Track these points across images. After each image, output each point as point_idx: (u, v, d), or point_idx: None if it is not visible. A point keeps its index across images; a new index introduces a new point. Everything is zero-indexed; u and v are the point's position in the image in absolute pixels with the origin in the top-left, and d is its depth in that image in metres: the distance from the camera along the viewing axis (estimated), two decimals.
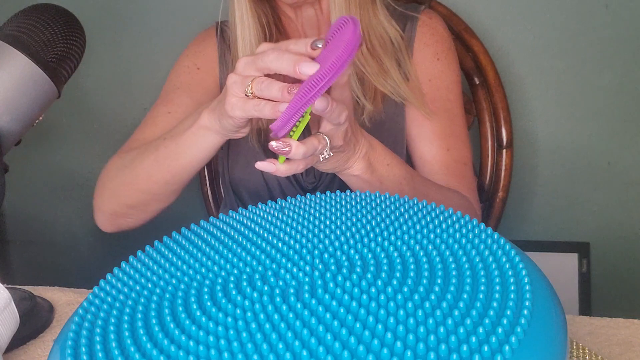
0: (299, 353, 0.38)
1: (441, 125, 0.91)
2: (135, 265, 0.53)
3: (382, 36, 0.88)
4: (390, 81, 0.87)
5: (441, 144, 0.90)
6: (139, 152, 0.81)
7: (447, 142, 0.90)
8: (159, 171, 0.78)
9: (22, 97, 0.62)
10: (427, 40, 0.92)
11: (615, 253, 1.22)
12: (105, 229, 0.90)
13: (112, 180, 0.85)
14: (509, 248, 0.48)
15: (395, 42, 0.89)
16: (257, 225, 0.57)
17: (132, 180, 0.81)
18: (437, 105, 0.91)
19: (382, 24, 0.88)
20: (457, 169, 0.91)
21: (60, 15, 0.66)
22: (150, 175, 0.79)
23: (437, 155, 0.90)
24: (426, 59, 0.92)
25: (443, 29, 0.94)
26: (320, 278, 0.46)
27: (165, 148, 0.76)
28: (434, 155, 0.90)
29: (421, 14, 0.93)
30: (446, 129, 0.91)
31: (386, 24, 0.89)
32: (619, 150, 1.18)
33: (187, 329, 0.42)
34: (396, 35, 0.89)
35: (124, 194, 0.83)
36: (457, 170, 0.90)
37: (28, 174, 1.51)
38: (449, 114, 0.92)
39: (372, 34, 0.87)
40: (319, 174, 0.92)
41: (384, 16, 0.89)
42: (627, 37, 1.13)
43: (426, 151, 0.91)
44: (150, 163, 0.78)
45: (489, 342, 0.37)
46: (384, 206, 0.58)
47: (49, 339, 0.65)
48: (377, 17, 0.88)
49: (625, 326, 0.60)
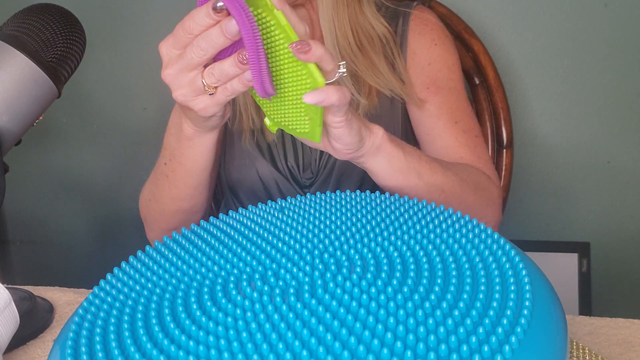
0: (299, 353, 0.38)
1: (446, 102, 0.90)
2: (135, 265, 0.53)
3: (370, 32, 0.89)
4: (380, 76, 0.87)
5: (449, 118, 0.89)
6: (155, 184, 0.85)
7: (454, 116, 0.89)
8: (179, 191, 0.81)
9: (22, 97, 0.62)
10: (421, 30, 0.93)
11: (615, 253, 1.22)
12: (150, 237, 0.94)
13: (150, 212, 0.89)
14: (509, 248, 0.48)
15: (383, 37, 0.90)
16: (257, 225, 0.57)
17: (164, 208, 0.85)
18: (440, 84, 0.90)
19: (369, 21, 0.89)
20: (469, 140, 0.89)
21: (60, 15, 0.66)
22: (175, 197, 0.82)
23: (447, 129, 0.89)
24: (423, 45, 0.92)
25: (436, 20, 0.95)
26: (320, 278, 0.46)
27: (173, 172, 0.79)
28: (443, 130, 0.89)
29: (413, 9, 0.94)
30: (452, 104, 0.90)
31: (373, 20, 0.89)
32: (619, 150, 1.18)
33: (187, 329, 0.42)
34: (384, 31, 0.90)
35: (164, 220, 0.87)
36: (469, 142, 0.89)
37: (28, 174, 1.51)
38: (453, 92, 0.91)
39: (360, 31, 0.88)
40: (316, 170, 0.92)
41: (371, 13, 0.89)
42: (627, 37, 1.13)
43: (435, 128, 0.89)
44: (168, 190, 0.82)
45: (489, 342, 0.37)
46: (384, 206, 0.58)
47: (49, 339, 0.65)
48: (364, 13, 0.89)
49: (625, 326, 0.60)
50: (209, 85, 0.57)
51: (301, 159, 0.92)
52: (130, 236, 1.48)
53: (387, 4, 0.94)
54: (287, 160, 0.92)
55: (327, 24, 0.85)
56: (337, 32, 0.85)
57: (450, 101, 0.90)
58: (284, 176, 0.92)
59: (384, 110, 0.90)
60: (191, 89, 0.58)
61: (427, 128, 0.91)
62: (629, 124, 1.17)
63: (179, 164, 0.77)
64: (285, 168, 0.92)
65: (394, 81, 0.88)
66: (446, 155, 0.88)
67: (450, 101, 0.90)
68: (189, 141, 0.72)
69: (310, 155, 0.91)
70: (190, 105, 0.60)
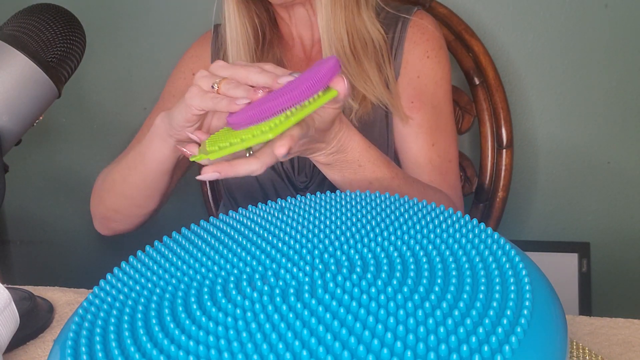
0: (299, 353, 0.38)
1: (427, 120, 0.90)
2: (135, 265, 0.53)
3: (365, 38, 0.88)
4: (369, 83, 0.87)
5: (426, 139, 0.90)
6: (119, 159, 0.86)
7: (432, 137, 0.90)
8: (130, 175, 0.81)
9: (22, 97, 0.62)
10: (417, 40, 0.92)
11: (615, 253, 1.22)
12: (102, 232, 0.94)
13: (100, 186, 0.89)
14: (509, 248, 0.48)
15: (378, 44, 0.89)
16: (257, 225, 0.57)
17: (112, 185, 0.85)
18: (424, 100, 0.90)
19: (366, 26, 0.88)
20: (442, 165, 0.90)
21: (61, 15, 0.66)
22: (124, 179, 0.82)
23: (422, 150, 0.90)
24: (416, 57, 0.92)
25: (434, 29, 0.94)
26: (320, 278, 0.46)
27: (134, 153, 0.79)
28: (419, 149, 0.90)
29: (413, 15, 0.93)
30: (432, 123, 0.90)
31: (370, 26, 0.88)
32: (619, 150, 1.18)
33: (187, 329, 0.42)
34: (379, 38, 0.89)
35: (107, 198, 0.87)
36: (442, 167, 0.90)
37: (28, 174, 1.51)
38: (436, 110, 0.91)
39: (355, 35, 0.87)
40: (311, 174, 0.92)
41: (368, 18, 0.88)
42: (627, 37, 1.13)
43: (412, 146, 0.90)
44: (123, 167, 0.82)
45: (489, 342, 0.37)
46: (384, 206, 0.58)
47: (49, 339, 0.65)
48: (361, 18, 0.88)
49: (625, 326, 0.60)
50: (219, 88, 0.62)
51: (296, 161, 0.92)
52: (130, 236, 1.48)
53: (387, 8, 0.93)
54: (282, 162, 0.92)
55: (324, 25, 0.85)
56: (333, 34, 0.85)
57: (431, 120, 0.91)
58: (281, 178, 0.92)
59: (377, 116, 0.90)
60: (207, 79, 0.63)
61: (405, 143, 0.91)
62: (629, 124, 1.17)
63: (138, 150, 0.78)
64: (281, 170, 0.92)
65: (382, 90, 0.87)
66: (417, 174, 0.89)
67: (431, 120, 0.91)
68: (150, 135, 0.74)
69: (304, 159, 0.90)
70: (191, 86, 0.64)
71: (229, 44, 0.90)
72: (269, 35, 0.93)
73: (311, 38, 0.95)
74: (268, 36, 0.93)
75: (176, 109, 0.66)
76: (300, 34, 0.94)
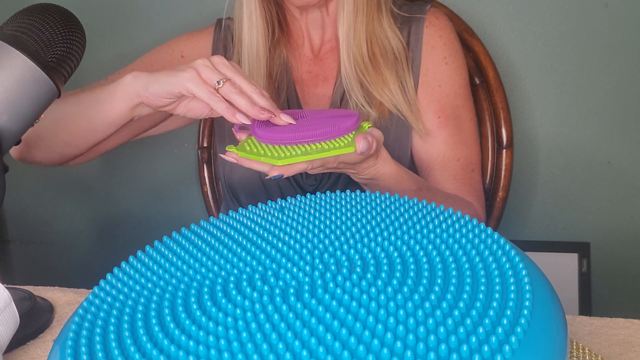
0: (299, 353, 0.38)
1: (452, 135, 0.91)
2: (135, 265, 0.53)
3: (385, 46, 0.88)
4: (388, 92, 0.86)
5: (451, 154, 0.90)
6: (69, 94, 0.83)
7: (456, 152, 0.91)
8: (77, 110, 0.79)
9: (22, 97, 0.62)
10: (434, 43, 0.91)
11: (615, 253, 1.22)
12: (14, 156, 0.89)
13: None
14: (509, 248, 0.48)
15: (397, 53, 0.89)
16: (257, 225, 0.57)
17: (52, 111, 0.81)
18: (448, 113, 0.91)
19: (386, 33, 0.88)
20: (465, 177, 0.91)
21: (60, 15, 0.66)
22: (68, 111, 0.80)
23: (447, 167, 0.90)
24: (435, 64, 0.91)
25: (450, 30, 0.93)
26: (320, 278, 0.46)
27: (90, 95, 0.78)
28: (443, 166, 0.90)
29: (427, 14, 0.92)
30: (456, 138, 0.91)
31: (390, 33, 0.88)
32: (619, 150, 1.18)
33: (187, 329, 0.42)
34: (398, 46, 0.89)
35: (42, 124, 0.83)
36: (465, 179, 0.91)
37: (28, 174, 1.51)
38: (458, 121, 0.91)
39: (375, 42, 0.87)
40: (320, 177, 0.91)
41: (389, 25, 0.88)
42: (627, 37, 1.13)
43: (435, 161, 0.91)
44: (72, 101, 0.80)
45: (489, 342, 0.37)
46: (384, 206, 0.58)
47: (49, 339, 0.65)
48: (382, 25, 0.87)
49: (625, 326, 0.60)
50: (221, 86, 0.65)
51: None
52: (130, 236, 1.48)
53: (401, 13, 0.92)
54: None
55: (344, 33, 0.85)
56: (352, 42, 0.85)
57: (455, 135, 0.91)
58: (288, 179, 0.92)
59: (393, 122, 0.90)
60: (210, 72, 0.67)
61: (428, 157, 0.91)
62: (629, 124, 1.16)
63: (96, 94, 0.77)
64: None
65: (401, 99, 0.87)
66: (441, 186, 0.90)
67: (455, 135, 0.91)
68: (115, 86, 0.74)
69: None
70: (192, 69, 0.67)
71: (246, 42, 0.89)
72: (278, 34, 0.93)
73: (321, 37, 0.94)
74: (277, 34, 0.93)
75: (163, 78, 0.67)
76: (310, 33, 0.94)
